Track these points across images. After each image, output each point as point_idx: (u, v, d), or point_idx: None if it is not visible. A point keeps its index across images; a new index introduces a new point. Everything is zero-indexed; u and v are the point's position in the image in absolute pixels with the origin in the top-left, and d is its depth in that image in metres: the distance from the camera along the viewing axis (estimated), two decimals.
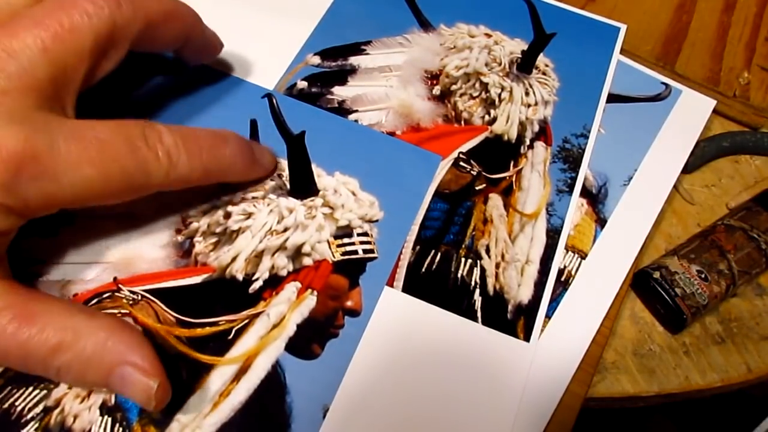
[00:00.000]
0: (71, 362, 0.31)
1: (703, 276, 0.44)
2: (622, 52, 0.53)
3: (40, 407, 0.35)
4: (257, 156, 0.40)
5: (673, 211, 0.49)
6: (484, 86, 0.49)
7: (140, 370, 0.32)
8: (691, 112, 0.50)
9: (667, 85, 0.52)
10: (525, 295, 0.41)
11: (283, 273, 0.39)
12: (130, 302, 0.38)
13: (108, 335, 0.31)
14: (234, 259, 0.39)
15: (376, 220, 0.42)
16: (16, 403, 0.35)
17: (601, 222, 0.45)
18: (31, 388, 0.35)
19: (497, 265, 0.42)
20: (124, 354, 0.32)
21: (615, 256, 0.44)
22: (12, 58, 0.30)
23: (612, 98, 0.50)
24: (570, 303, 0.42)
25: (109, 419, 0.35)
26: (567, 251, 0.43)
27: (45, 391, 0.35)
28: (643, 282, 0.45)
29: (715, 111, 0.51)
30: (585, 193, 0.46)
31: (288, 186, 0.42)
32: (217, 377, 0.36)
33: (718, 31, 0.59)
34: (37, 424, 0.34)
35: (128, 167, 0.32)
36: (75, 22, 0.32)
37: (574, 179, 0.46)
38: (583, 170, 0.46)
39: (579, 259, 0.44)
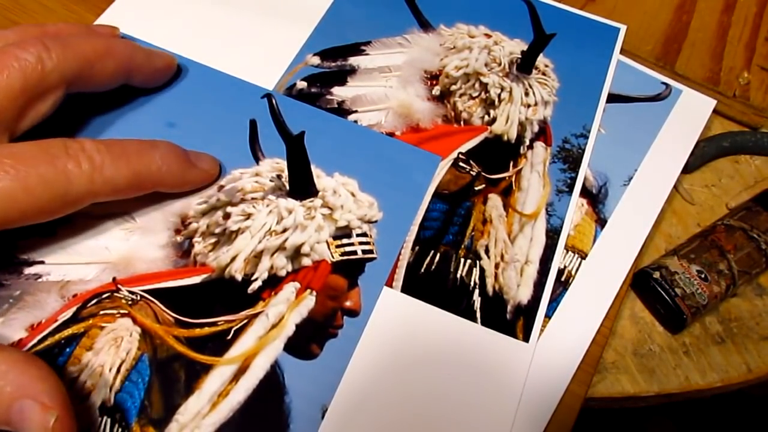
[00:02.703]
0: None
1: (703, 276, 0.44)
2: (622, 52, 0.53)
3: None
4: (193, 160, 0.40)
5: (673, 211, 0.49)
6: (484, 86, 0.49)
7: (39, 404, 0.30)
8: (691, 112, 0.50)
9: (667, 85, 0.51)
10: (524, 295, 0.41)
11: (282, 273, 0.39)
12: (129, 302, 0.38)
13: (8, 368, 0.30)
14: (233, 260, 0.39)
15: (376, 221, 0.42)
16: None
17: (601, 222, 0.45)
18: None
19: (496, 266, 0.42)
20: (25, 387, 0.30)
21: (615, 256, 0.44)
22: None
23: (612, 98, 0.50)
24: (570, 303, 0.42)
25: (108, 419, 0.35)
26: (567, 251, 0.43)
27: None
28: (643, 282, 0.45)
29: (715, 111, 0.51)
30: (585, 193, 0.46)
31: (287, 187, 0.42)
32: (216, 377, 0.36)
33: (718, 31, 0.59)
34: None
35: (47, 174, 0.32)
36: (4, 64, 0.34)
37: (573, 179, 0.46)
38: (583, 170, 0.46)
39: (579, 259, 0.44)
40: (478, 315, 0.40)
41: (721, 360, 0.44)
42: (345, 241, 0.41)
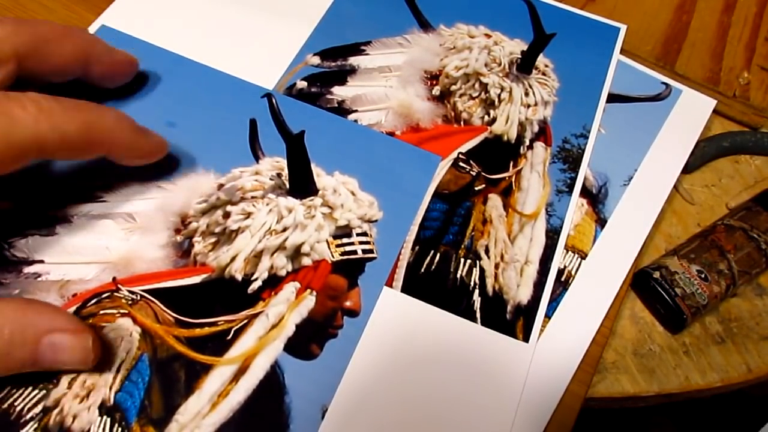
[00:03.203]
0: None
1: (703, 276, 0.44)
2: (622, 52, 0.53)
3: (39, 407, 0.34)
4: (142, 129, 0.39)
5: (673, 211, 0.49)
6: (484, 87, 0.49)
7: (70, 332, 0.31)
8: (691, 112, 0.50)
9: (667, 84, 0.51)
10: (524, 295, 0.41)
11: (282, 273, 0.39)
12: (129, 302, 0.38)
13: (22, 311, 0.30)
14: (233, 259, 0.39)
15: (376, 220, 0.42)
16: (15, 403, 0.35)
17: (601, 222, 0.45)
18: (30, 388, 0.35)
19: (496, 266, 0.42)
20: (47, 322, 0.30)
21: (615, 256, 0.44)
22: None
23: (612, 98, 0.50)
24: (570, 303, 0.42)
25: (108, 419, 0.35)
26: (567, 251, 0.43)
27: (44, 391, 0.35)
28: (643, 282, 0.45)
29: (715, 111, 0.51)
30: (585, 193, 0.46)
31: (287, 185, 0.42)
32: (216, 377, 0.36)
33: (718, 31, 0.59)
34: (36, 425, 0.34)
35: None
36: None
37: (573, 179, 0.46)
38: (583, 170, 0.46)
39: (579, 259, 0.44)
40: (478, 315, 0.40)
41: (721, 360, 0.44)
42: (345, 240, 0.41)
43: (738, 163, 0.52)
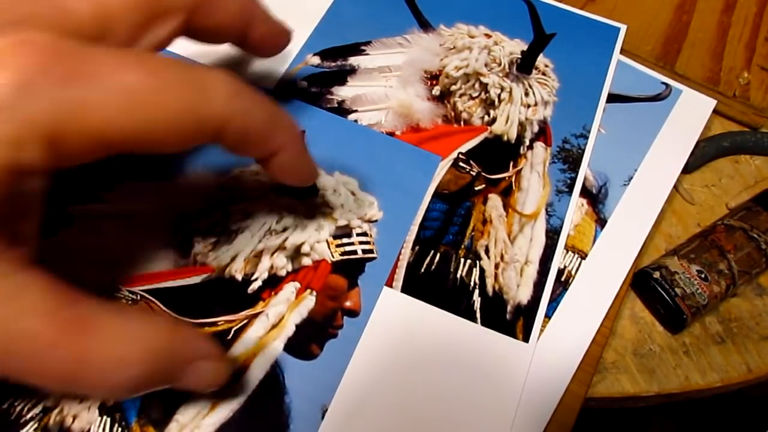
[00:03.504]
0: (138, 374, 0.27)
1: (703, 276, 0.44)
2: (622, 52, 0.53)
3: (39, 407, 0.35)
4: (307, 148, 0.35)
5: (673, 211, 0.49)
6: (484, 87, 0.49)
7: (213, 359, 0.30)
8: (692, 112, 0.50)
9: (667, 84, 0.51)
10: (524, 295, 0.41)
11: (282, 273, 0.39)
12: (129, 303, 0.38)
13: (172, 331, 0.28)
14: (233, 259, 0.39)
15: (376, 220, 0.42)
16: (16, 403, 0.35)
17: (601, 222, 0.45)
18: (30, 388, 0.35)
19: (496, 266, 0.42)
20: (194, 350, 0.29)
21: (615, 256, 0.44)
22: None
23: (612, 98, 0.50)
24: (570, 303, 0.42)
25: (108, 419, 0.35)
26: (567, 251, 0.43)
27: (45, 392, 0.35)
28: (643, 282, 0.45)
29: (715, 111, 0.51)
30: (585, 193, 0.46)
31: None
32: None
33: (718, 31, 0.59)
34: (36, 424, 0.34)
35: (184, 77, 0.27)
36: None
37: (573, 179, 0.46)
38: (583, 170, 0.46)
39: (579, 259, 0.43)
40: (478, 315, 0.40)
41: (721, 360, 0.44)
42: (345, 240, 0.41)
43: (738, 163, 0.52)
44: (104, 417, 0.35)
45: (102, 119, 0.25)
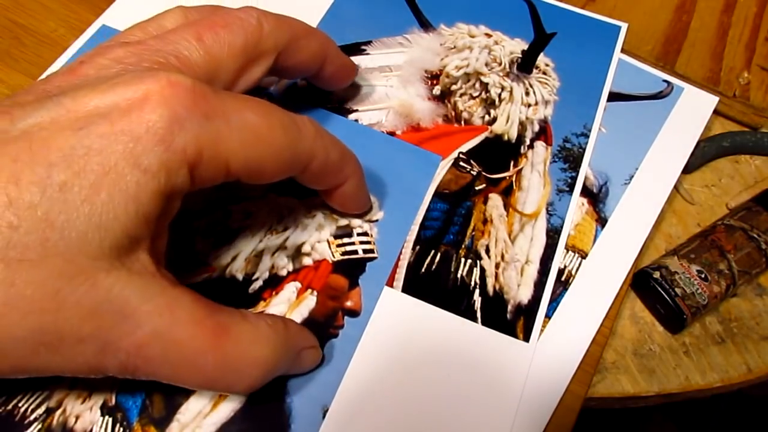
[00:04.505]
0: (266, 371, 0.32)
1: (703, 276, 0.44)
2: (623, 51, 0.53)
3: (43, 408, 0.35)
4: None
5: (673, 211, 0.49)
6: (484, 86, 0.49)
7: (314, 348, 0.36)
8: (693, 110, 0.50)
9: (668, 82, 0.51)
10: (524, 295, 0.41)
11: (283, 273, 0.40)
12: None
13: (285, 329, 0.34)
14: (234, 259, 0.39)
15: (376, 220, 0.42)
16: (19, 404, 0.35)
17: (602, 221, 0.45)
18: (33, 389, 0.35)
19: (497, 266, 0.42)
20: (303, 341, 0.35)
21: (615, 256, 0.44)
22: (170, 43, 0.32)
23: (613, 96, 0.50)
24: (570, 303, 0.42)
25: (110, 419, 0.35)
26: (567, 251, 0.43)
27: (47, 392, 0.35)
28: (643, 282, 0.45)
29: (715, 111, 0.51)
30: (586, 192, 0.46)
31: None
32: None
33: (718, 31, 0.59)
34: (39, 425, 0.34)
35: (284, 119, 0.32)
36: (228, 20, 0.34)
37: (574, 179, 0.46)
38: (584, 170, 0.46)
39: (579, 259, 0.44)
40: (479, 315, 0.40)
41: (721, 360, 0.44)
42: (346, 240, 0.41)
43: (738, 163, 0.52)
44: (106, 417, 0.35)
45: (230, 150, 0.29)
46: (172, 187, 0.28)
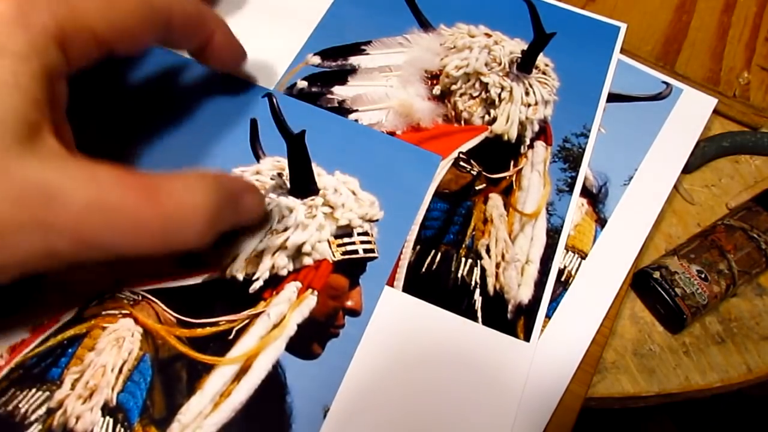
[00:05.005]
0: (211, 213, 0.32)
1: (703, 276, 0.44)
2: (623, 52, 0.53)
3: (43, 409, 0.35)
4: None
5: (673, 211, 0.50)
6: (484, 86, 0.49)
7: (254, 190, 0.37)
8: (692, 112, 0.51)
9: (667, 84, 0.52)
10: (525, 295, 0.41)
11: (284, 273, 0.40)
12: (131, 303, 0.38)
13: (215, 176, 0.33)
14: (234, 259, 0.39)
15: (377, 220, 0.42)
16: (20, 405, 0.35)
17: (602, 222, 0.45)
18: (33, 390, 0.35)
19: (497, 265, 0.42)
20: (240, 185, 0.36)
21: (615, 256, 0.44)
22: None
23: (613, 97, 0.50)
24: (570, 303, 0.42)
25: (111, 420, 0.35)
26: (567, 251, 0.44)
27: (48, 393, 0.35)
28: (643, 282, 0.46)
29: (715, 111, 0.51)
30: (585, 192, 0.46)
31: (288, 185, 0.42)
32: (218, 377, 0.37)
33: (718, 31, 0.59)
34: (40, 426, 0.35)
35: None
36: None
37: (574, 179, 0.46)
38: (584, 170, 0.46)
39: (579, 259, 0.44)
40: (479, 314, 0.40)
41: (721, 360, 0.45)
42: (346, 240, 0.41)
43: (738, 163, 0.52)
44: (107, 417, 0.35)
45: (91, 18, 0.31)
46: (48, 66, 0.29)
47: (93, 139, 0.36)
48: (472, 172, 0.46)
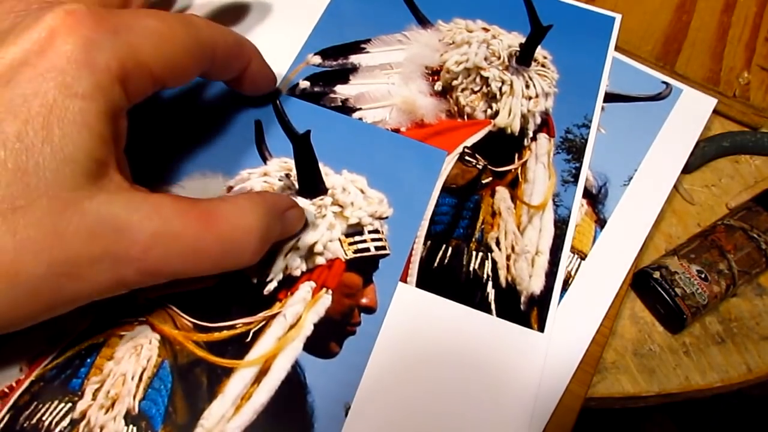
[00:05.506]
0: (262, 234, 0.36)
1: (703, 276, 0.46)
2: (623, 51, 0.55)
3: (67, 420, 0.37)
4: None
5: (673, 211, 0.52)
6: (485, 80, 0.52)
7: (295, 206, 0.41)
8: (692, 112, 0.53)
9: (667, 84, 0.54)
10: (537, 285, 0.44)
11: (297, 273, 0.42)
12: (146, 309, 0.40)
13: (262, 196, 0.38)
14: None
15: (386, 217, 0.45)
16: (44, 418, 0.37)
17: (601, 222, 0.47)
18: (56, 402, 0.37)
19: (508, 257, 0.45)
20: (283, 202, 0.40)
21: (615, 256, 0.46)
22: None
23: (613, 97, 0.53)
24: (570, 303, 0.44)
25: (135, 428, 0.37)
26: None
27: (70, 404, 0.37)
28: (643, 282, 0.48)
29: (715, 111, 0.54)
30: (585, 193, 0.48)
31: (296, 186, 0.45)
32: (238, 380, 0.39)
33: (718, 31, 0.61)
34: None
35: (179, 18, 0.36)
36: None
37: (578, 169, 0.48)
38: (587, 160, 0.49)
39: (579, 259, 0.46)
40: (493, 307, 0.43)
41: (721, 360, 0.47)
42: (357, 238, 0.44)
43: (738, 163, 0.55)
44: (130, 426, 0.37)
45: (147, 55, 0.34)
46: (112, 105, 0.32)
47: None
48: (477, 166, 0.48)
